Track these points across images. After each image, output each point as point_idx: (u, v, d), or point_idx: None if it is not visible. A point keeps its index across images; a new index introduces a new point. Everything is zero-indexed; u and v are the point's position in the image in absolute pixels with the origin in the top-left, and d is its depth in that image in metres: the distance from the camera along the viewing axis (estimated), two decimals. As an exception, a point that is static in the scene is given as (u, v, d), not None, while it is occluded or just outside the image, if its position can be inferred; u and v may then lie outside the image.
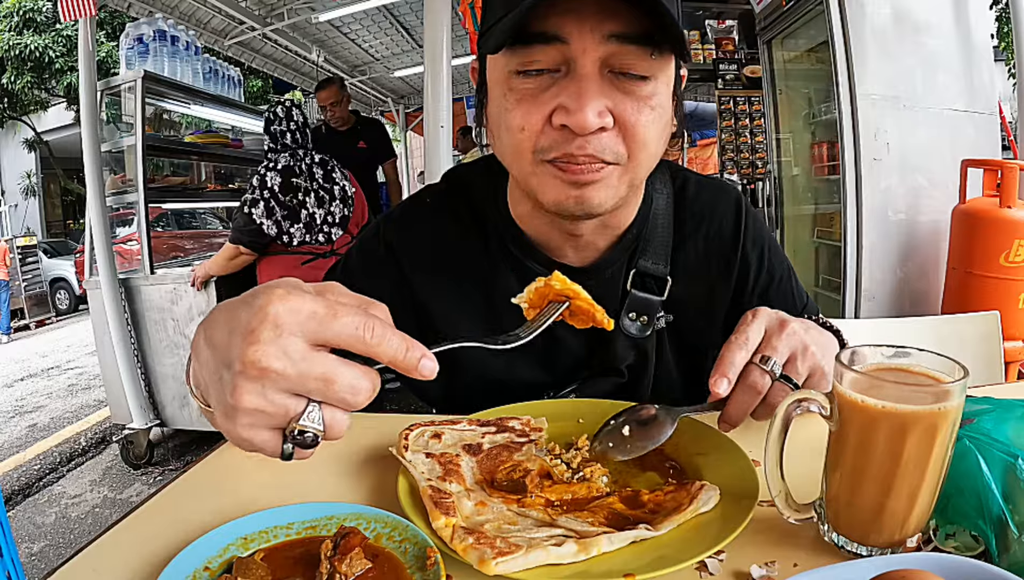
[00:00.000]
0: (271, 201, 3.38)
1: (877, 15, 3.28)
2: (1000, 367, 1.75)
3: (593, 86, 0.81)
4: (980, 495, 0.59)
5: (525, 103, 0.85)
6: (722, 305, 1.12)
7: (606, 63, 0.82)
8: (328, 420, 0.56)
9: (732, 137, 5.55)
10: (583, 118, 0.80)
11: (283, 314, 0.53)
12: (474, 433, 0.89)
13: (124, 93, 4.32)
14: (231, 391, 0.54)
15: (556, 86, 0.83)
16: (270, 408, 0.54)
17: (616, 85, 0.83)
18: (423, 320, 1.09)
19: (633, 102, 0.84)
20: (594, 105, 0.80)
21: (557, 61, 0.82)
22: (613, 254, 1.06)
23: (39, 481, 4.29)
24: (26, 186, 19.48)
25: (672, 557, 0.61)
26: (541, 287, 0.80)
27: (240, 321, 0.55)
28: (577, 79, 0.81)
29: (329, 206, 3.53)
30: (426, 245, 1.10)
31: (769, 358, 0.77)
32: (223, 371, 0.56)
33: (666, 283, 1.07)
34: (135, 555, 0.68)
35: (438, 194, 1.15)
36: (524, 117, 0.85)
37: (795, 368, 0.78)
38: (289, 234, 3.42)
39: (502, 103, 0.87)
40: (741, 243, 1.11)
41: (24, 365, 7.93)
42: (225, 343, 0.56)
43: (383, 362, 0.57)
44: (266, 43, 7.24)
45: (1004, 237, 2.91)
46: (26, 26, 15.72)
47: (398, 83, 9.98)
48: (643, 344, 1.08)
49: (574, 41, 0.80)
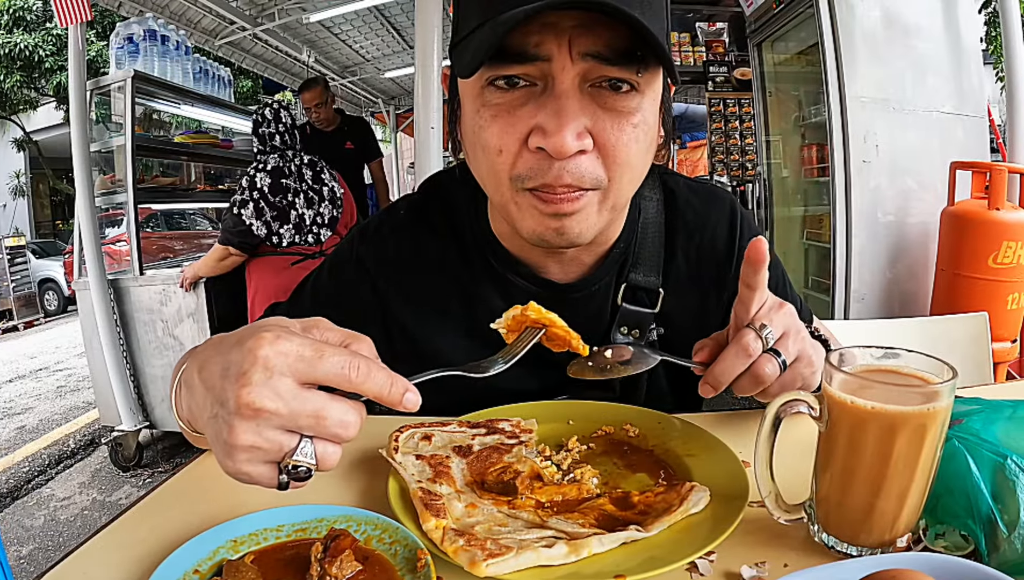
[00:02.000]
0: (260, 202, 3.37)
1: (867, 18, 3.30)
2: (989, 368, 1.77)
3: (572, 105, 0.76)
4: (969, 495, 0.60)
5: (501, 120, 0.80)
6: (714, 316, 1.08)
7: (586, 77, 0.77)
8: (320, 454, 0.59)
9: (722, 139, 5.58)
10: (561, 142, 0.75)
11: (272, 357, 0.56)
12: (464, 435, 0.89)
13: (114, 93, 4.30)
14: (228, 431, 0.56)
15: (533, 103, 0.78)
16: (265, 445, 0.57)
17: (596, 100, 0.78)
18: (400, 337, 1.06)
19: (614, 119, 0.79)
20: (573, 127, 0.76)
21: (534, 76, 0.78)
22: (600, 270, 1.02)
23: (27, 483, 4.26)
24: (15, 186, 19.34)
25: (663, 558, 0.61)
26: (518, 315, 0.79)
27: (232, 363, 0.57)
28: (555, 97, 0.76)
29: (318, 207, 3.53)
30: (403, 260, 1.06)
31: (766, 326, 0.76)
32: (218, 409, 0.58)
33: (658, 296, 1.04)
34: (125, 558, 0.68)
35: (414, 206, 1.11)
36: (500, 137, 0.80)
37: (786, 345, 0.77)
38: (279, 235, 3.42)
39: (476, 119, 0.82)
40: (736, 252, 1.07)
41: (12, 367, 7.86)
42: (219, 385, 0.58)
43: (368, 398, 0.60)
44: (257, 43, 7.21)
45: (993, 239, 2.94)
46: (16, 25, 15.62)
47: (389, 84, 9.97)
48: None
49: (554, 60, 0.75)
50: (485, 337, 1.03)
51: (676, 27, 5.65)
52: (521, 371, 1.05)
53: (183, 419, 0.72)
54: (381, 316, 1.06)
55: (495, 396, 1.01)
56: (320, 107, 5.05)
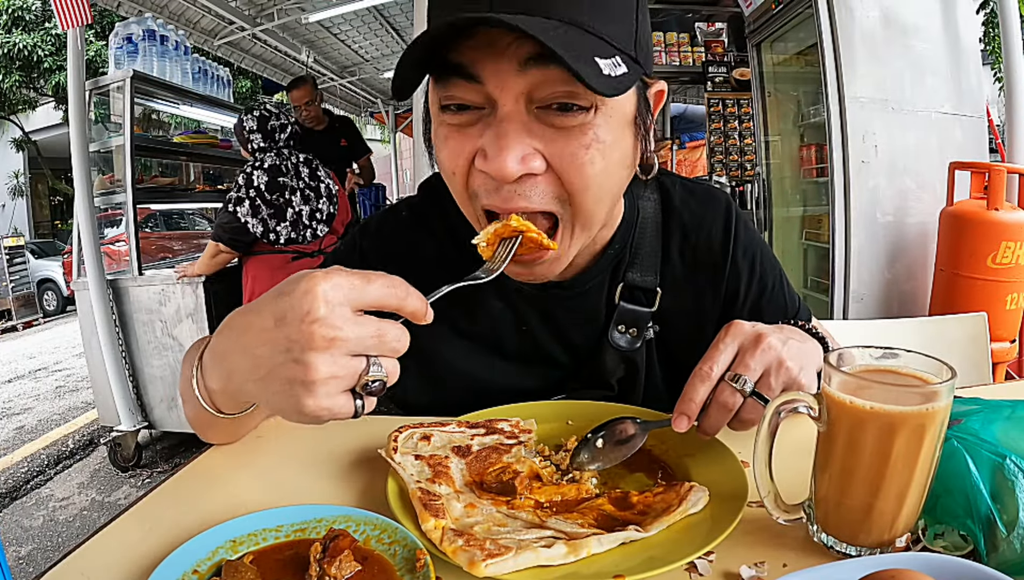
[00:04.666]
0: (257, 200, 3.39)
1: (866, 18, 3.30)
2: (988, 368, 1.77)
3: (514, 128, 0.75)
4: (968, 495, 0.60)
5: (452, 140, 0.81)
6: (711, 315, 1.09)
7: (530, 97, 0.76)
8: (389, 368, 0.65)
9: (721, 139, 5.57)
10: (501, 165, 0.75)
11: (329, 290, 0.61)
12: (463, 435, 0.89)
13: (113, 93, 4.29)
14: (304, 369, 0.60)
15: (482, 124, 0.78)
16: (342, 372, 0.61)
17: (545, 121, 0.77)
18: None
19: (565, 140, 0.77)
20: (514, 151, 0.75)
21: (479, 99, 0.77)
22: (594, 268, 1.03)
23: (26, 484, 4.25)
24: (14, 186, 19.33)
25: (662, 558, 0.61)
26: (499, 228, 0.81)
27: (288, 308, 0.61)
28: (498, 120, 0.76)
29: (316, 204, 3.55)
30: (403, 257, 1.07)
31: (740, 376, 0.76)
32: (283, 355, 0.61)
33: (655, 294, 1.05)
34: (123, 558, 0.68)
35: (413, 207, 1.14)
36: (451, 159, 0.82)
37: (768, 384, 0.77)
38: (276, 232, 3.43)
39: (436, 138, 0.84)
40: (731, 252, 1.08)
41: (11, 367, 7.85)
42: (279, 333, 0.61)
43: (407, 313, 0.66)
44: (256, 43, 7.23)
45: (991, 239, 2.94)
46: (15, 24, 15.61)
47: (388, 84, 9.94)
48: (633, 357, 1.06)
49: (488, 78, 0.74)
50: (481, 336, 1.06)
51: (675, 27, 5.65)
52: (519, 374, 1.06)
53: (214, 393, 0.75)
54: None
55: (494, 396, 1.02)
56: (309, 105, 5.10)
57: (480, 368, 1.07)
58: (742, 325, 0.81)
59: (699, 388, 0.77)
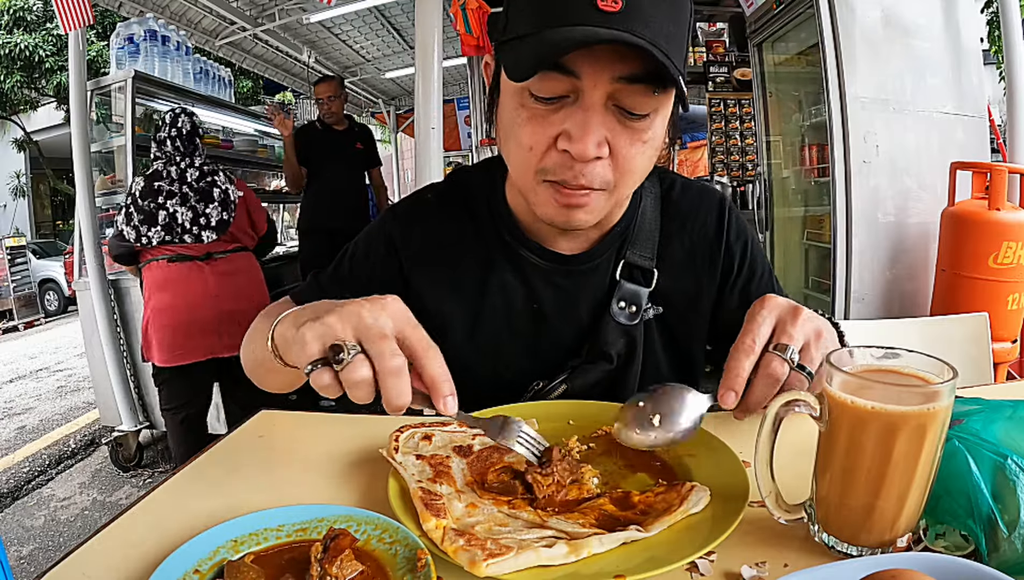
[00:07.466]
0: (131, 207, 3.34)
1: (867, 18, 3.29)
2: (989, 368, 1.77)
3: (596, 118, 0.87)
4: (970, 495, 0.60)
5: (535, 123, 0.90)
6: (708, 299, 1.17)
7: (611, 97, 0.87)
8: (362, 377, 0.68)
9: (722, 139, 5.57)
10: (584, 148, 0.86)
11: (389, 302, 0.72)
12: (464, 435, 0.89)
13: (114, 93, 4.31)
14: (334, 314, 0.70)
15: (564, 111, 0.88)
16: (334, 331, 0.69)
17: (616, 117, 0.88)
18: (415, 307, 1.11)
19: (628, 135, 0.89)
20: (595, 136, 0.87)
21: (568, 89, 0.87)
22: (602, 245, 1.13)
23: (28, 484, 4.26)
24: (15, 186, 19.33)
25: (663, 558, 0.61)
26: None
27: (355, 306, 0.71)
28: (583, 109, 0.87)
29: (203, 208, 3.42)
30: (425, 241, 1.17)
31: (788, 346, 0.75)
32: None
33: (653, 275, 1.13)
34: (125, 558, 0.68)
35: (439, 192, 1.23)
36: (532, 137, 0.91)
37: (810, 356, 0.77)
38: (147, 237, 3.34)
39: (514, 116, 0.93)
40: (725, 237, 1.17)
41: (12, 367, 7.85)
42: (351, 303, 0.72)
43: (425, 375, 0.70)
44: (257, 44, 7.21)
45: (993, 239, 2.93)
46: (16, 25, 15.61)
47: (389, 84, 9.97)
48: (632, 332, 1.12)
49: (586, 78, 0.85)
50: (492, 309, 1.14)
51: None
52: (521, 350, 1.15)
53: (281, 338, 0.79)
54: (403, 286, 1.17)
55: (496, 376, 1.12)
56: (332, 100, 4.95)
57: (487, 349, 1.14)
58: (776, 298, 0.80)
59: (743, 362, 0.76)
